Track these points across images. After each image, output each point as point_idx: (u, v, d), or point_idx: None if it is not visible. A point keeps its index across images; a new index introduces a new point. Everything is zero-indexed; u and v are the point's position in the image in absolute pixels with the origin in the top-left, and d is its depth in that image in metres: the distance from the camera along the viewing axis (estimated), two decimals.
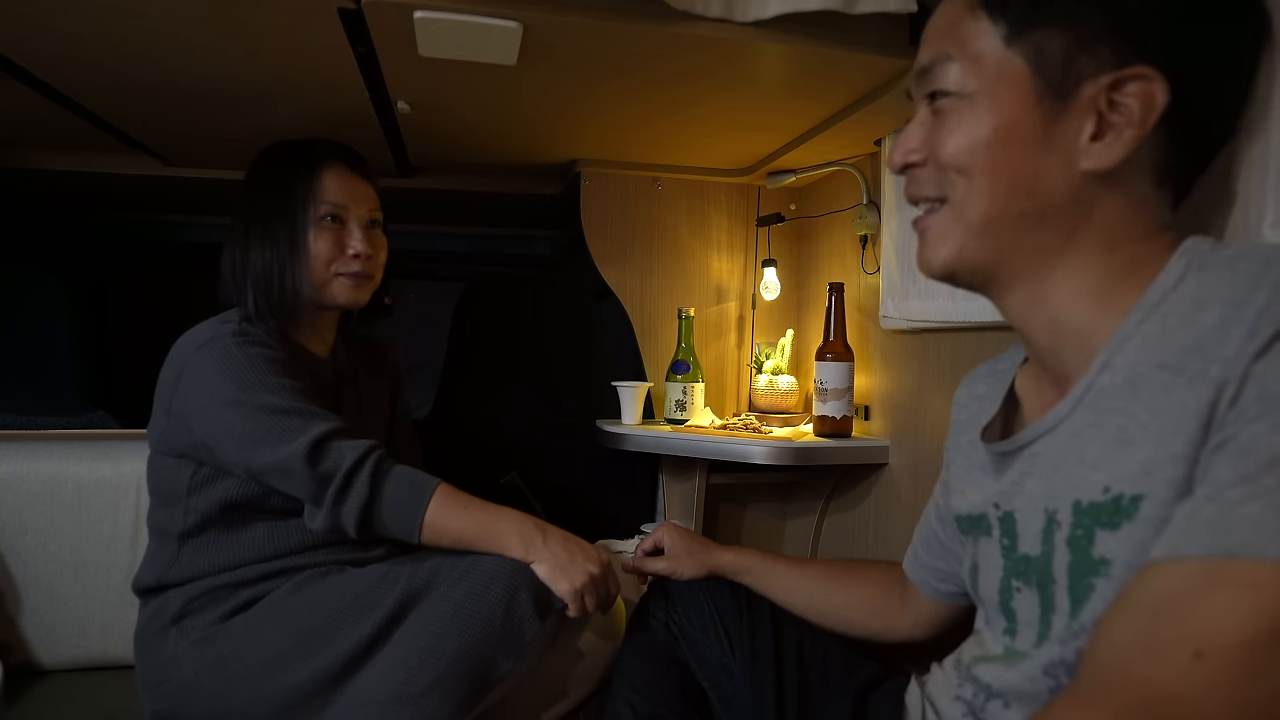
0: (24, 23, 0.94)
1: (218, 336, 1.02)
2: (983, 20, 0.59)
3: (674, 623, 0.96)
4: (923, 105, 0.64)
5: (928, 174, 0.63)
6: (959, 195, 0.60)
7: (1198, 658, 0.43)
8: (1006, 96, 0.58)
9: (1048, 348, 0.63)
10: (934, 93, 0.62)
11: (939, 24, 0.63)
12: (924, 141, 0.63)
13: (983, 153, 0.58)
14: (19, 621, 1.30)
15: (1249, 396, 0.47)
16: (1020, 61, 0.58)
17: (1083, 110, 0.56)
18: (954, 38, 0.60)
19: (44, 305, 1.66)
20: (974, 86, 0.59)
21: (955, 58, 0.60)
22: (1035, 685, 0.61)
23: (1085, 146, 0.57)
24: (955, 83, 0.60)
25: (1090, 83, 0.56)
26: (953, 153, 0.60)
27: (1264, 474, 0.44)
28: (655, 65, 1.04)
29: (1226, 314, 0.50)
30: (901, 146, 0.64)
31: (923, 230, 0.65)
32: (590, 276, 1.71)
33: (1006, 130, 0.58)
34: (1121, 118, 0.56)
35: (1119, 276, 0.58)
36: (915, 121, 0.64)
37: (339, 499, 0.97)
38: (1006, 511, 0.66)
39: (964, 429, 0.78)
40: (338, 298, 1.12)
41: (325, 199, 1.09)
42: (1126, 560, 0.53)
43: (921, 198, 0.65)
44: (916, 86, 0.65)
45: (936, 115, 0.62)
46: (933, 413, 1.29)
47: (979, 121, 0.59)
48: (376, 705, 0.90)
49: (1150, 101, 0.55)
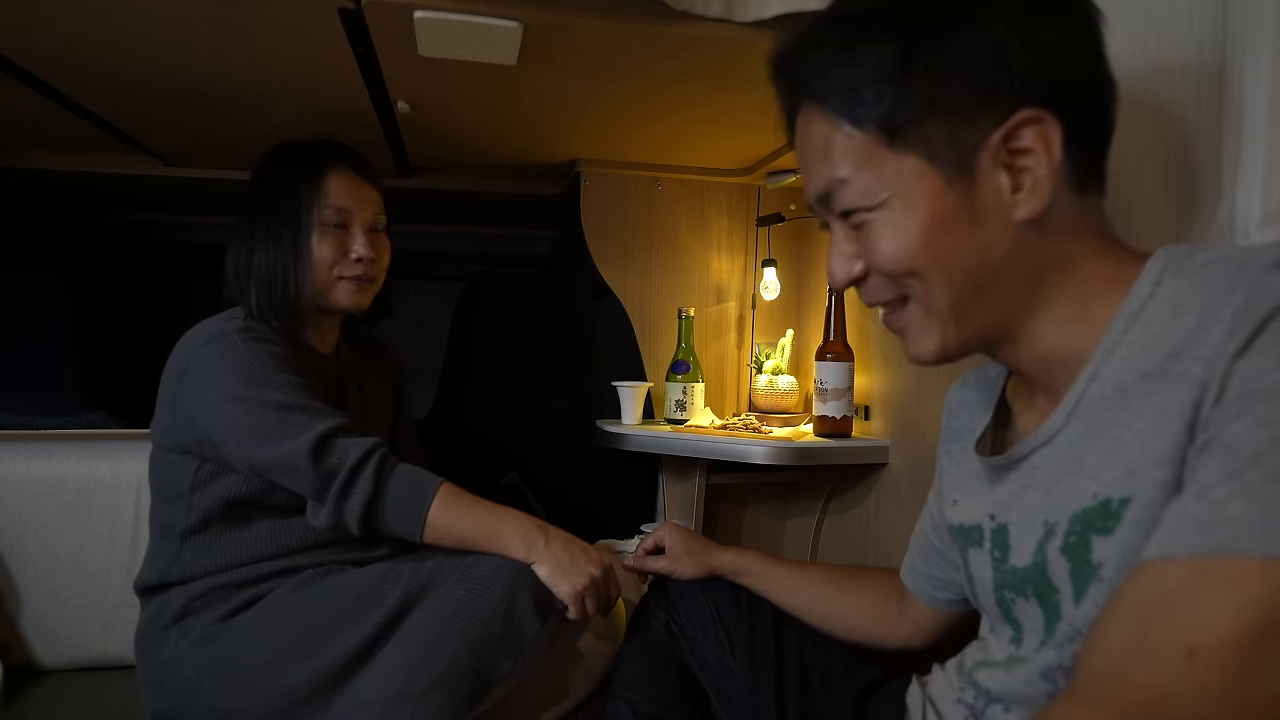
0: (24, 23, 0.94)
1: (223, 333, 1.03)
2: (855, 136, 0.59)
3: (674, 623, 0.96)
4: (837, 223, 0.64)
5: (876, 281, 0.63)
6: (920, 293, 0.61)
7: (1190, 657, 0.43)
8: (917, 193, 0.58)
9: (1036, 374, 0.64)
10: (845, 211, 0.62)
11: (811, 147, 0.63)
12: (857, 254, 0.63)
13: (921, 251, 0.58)
14: (19, 621, 1.30)
15: (1231, 394, 0.47)
16: (912, 158, 0.57)
17: (991, 172, 0.57)
18: (838, 160, 0.60)
19: (44, 305, 1.66)
20: (882, 195, 0.59)
21: (848, 179, 0.60)
22: (1034, 689, 0.62)
23: (1010, 201, 0.57)
24: (862, 198, 0.60)
25: (984, 148, 0.56)
26: (893, 260, 0.60)
27: (1248, 471, 0.44)
28: (655, 65, 1.04)
29: (1204, 316, 0.50)
30: (841, 267, 0.64)
31: (900, 329, 0.65)
32: (590, 276, 1.71)
33: (932, 223, 0.58)
34: (1030, 160, 0.56)
35: (1091, 295, 0.59)
36: (838, 238, 0.64)
37: (342, 496, 0.97)
38: (1001, 524, 0.66)
39: (955, 436, 0.78)
40: (340, 301, 1.12)
41: (329, 202, 1.09)
42: (1117, 563, 0.53)
43: (881, 302, 0.65)
44: (820, 210, 0.64)
45: (858, 229, 0.62)
46: (933, 413, 1.29)
47: (903, 225, 0.59)
48: (377, 705, 0.90)
49: (1046, 137, 0.55)
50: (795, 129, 0.66)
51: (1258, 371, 0.46)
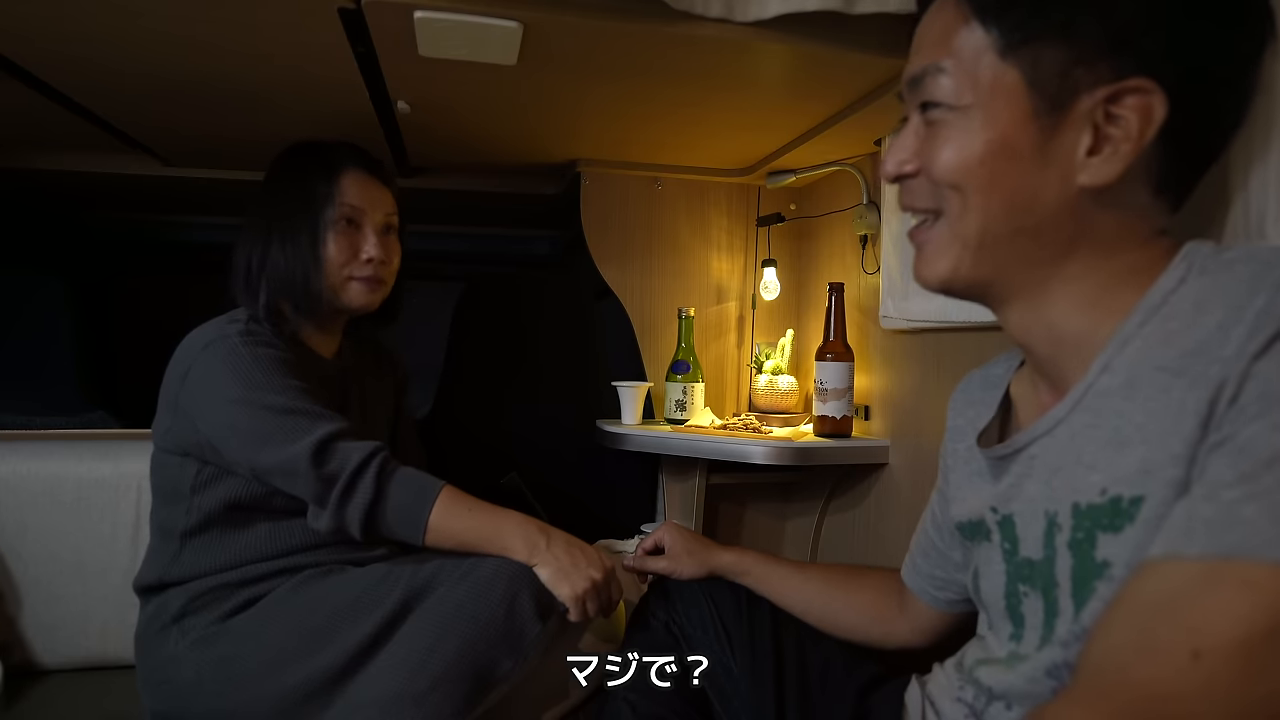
0: (24, 23, 0.94)
1: (225, 335, 1.03)
2: (976, 31, 0.57)
3: (674, 622, 0.96)
4: (914, 113, 0.62)
5: (922, 185, 0.62)
6: (954, 211, 0.59)
7: (1195, 658, 0.43)
8: (1001, 111, 0.56)
9: (1047, 356, 0.63)
10: (926, 103, 0.60)
11: (931, 31, 0.61)
12: (916, 152, 0.61)
13: (977, 169, 0.57)
14: (19, 621, 1.30)
15: (1249, 395, 0.46)
16: (1015, 74, 0.56)
17: (1079, 124, 0.55)
18: (946, 47, 0.59)
19: (44, 305, 1.66)
20: (968, 100, 0.58)
21: (948, 69, 0.58)
22: (1038, 687, 0.61)
23: (1082, 161, 0.55)
24: (949, 95, 0.58)
25: (1087, 96, 0.55)
26: (947, 168, 0.58)
27: (1263, 474, 0.44)
28: (655, 65, 1.04)
29: (1227, 315, 0.49)
30: (894, 157, 0.63)
31: (920, 244, 0.64)
32: (590, 276, 1.71)
33: (1001, 146, 0.56)
34: (1119, 131, 0.54)
35: (1117, 283, 0.58)
36: (908, 130, 0.62)
37: (344, 500, 0.97)
38: (1005, 515, 0.66)
39: (960, 435, 0.77)
40: (350, 301, 1.12)
41: (343, 202, 1.10)
42: (1127, 562, 0.52)
43: (916, 209, 0.64)
44: (908, 94, 0.63)
45: (930, 126, 0.60)
46: (933, 413, 1.29)
47: (973, 136, 0.57)
48: (377, 705, 0.90)
49: (1148, 115, 0.54)
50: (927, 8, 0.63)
51: (1277, 374, 0.46)
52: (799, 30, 0.93)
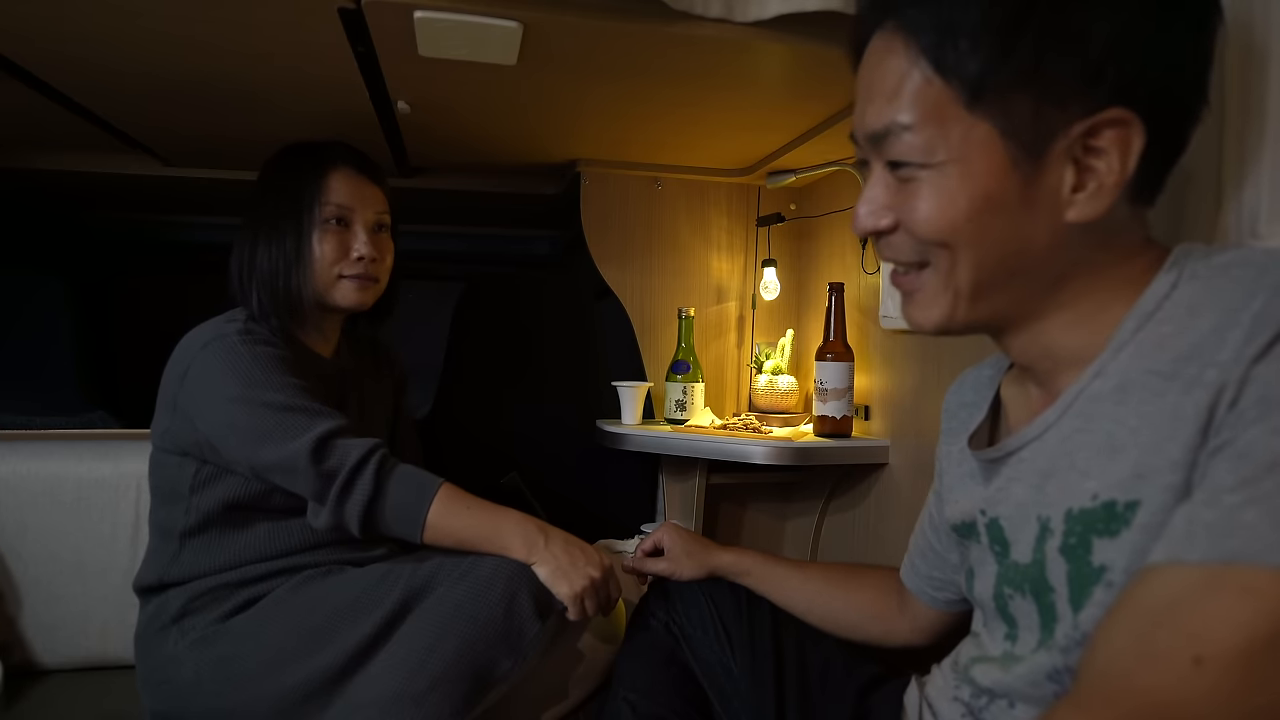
0: (24, 23, 0.94)
1: (223, 334, 1.03)
2: (935, 84, 0.54)
3: (674, 623, 0.96)
4: (879, 169, 0.59)
5: (902, 240, 0.59)
6: (944, 265, 0.57)
7: (1197, 664, 0.43)
8: (978, 164, 0.54)
9: (1037, 366, 0.63)
10: (895, 161, 0.57)
11: (883, 78, 0.57)
12: (888, 206, 0.58)
13: (964, 225, 0.55)
14: (19, 621, 1.30)
15: (1248, 400, 0.46)
16: (987, 126, 0.53)
17: (1059, 162, 0.53)
18: (905, 100, 0.55)
19: (44, 305, 1.66)
20: (941, 157, 0.55)
21: (913, 127, 0.55)
22: (1040, 690, 0.61)
23: (1068, 198, 0.54)
24: (919, 154, 0.55)
25: (1063, 136, 0.53)
26: (931, 228, 0.56)
27: (1264, 478, 0.44)
28: (655, 65, 1.04)
29: (1222, 319, 0.49)
30: (866, 211, 0.59)
31: (908, 291, 0.61)
32: (590, 276, 1.71)
33: (985, 200, 0.54)
34: (1101, 164, 0.53)
35: (1110, 298, 0.57)
36: (875, 182, 0.59)
37: (342, 497, 0.97)
38: (993, 518, 0.66)
39: (954, 437, 0.77)
40: (341, 300, 1.12)
41: (330, 200, 1.10)
42: (1125, 567, 0.52)
43: (900, 263, 0.61)
44: (869, 147, 0.59)
45: (902, 182, 0.57)
46: (932, 413, 1.29)
47: (954, 194, 0.54)
48: (376, 705, 0.90)
49: (1127, 146, 0.52)
50: (865, 51, 0.59)
51: (1276, 378, 0.46)
52: (799, 30, 0.93)
